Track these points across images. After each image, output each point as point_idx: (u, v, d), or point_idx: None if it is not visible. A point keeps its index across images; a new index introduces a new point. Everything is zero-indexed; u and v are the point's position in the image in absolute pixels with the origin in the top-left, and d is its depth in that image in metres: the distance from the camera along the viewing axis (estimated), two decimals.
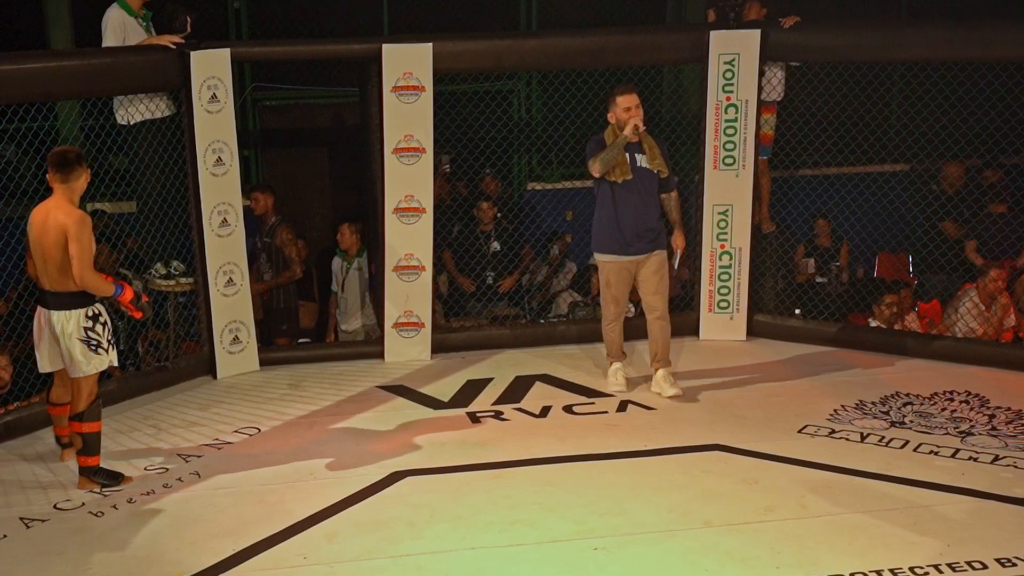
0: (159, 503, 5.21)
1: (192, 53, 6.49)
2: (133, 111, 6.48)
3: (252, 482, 5.43)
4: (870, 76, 7.28)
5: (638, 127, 6.15)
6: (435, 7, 9.09)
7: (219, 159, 6.73)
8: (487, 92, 7.68)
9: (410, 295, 7.15)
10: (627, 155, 6.23)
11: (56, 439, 5.76)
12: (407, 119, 6.90)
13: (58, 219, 5.10)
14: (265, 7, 9.11)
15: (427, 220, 7.07)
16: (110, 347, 5.29)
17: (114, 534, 4.91)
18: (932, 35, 6.95)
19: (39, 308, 5.32)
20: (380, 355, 7.25)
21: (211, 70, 6.58)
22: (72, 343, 5.19)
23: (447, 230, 7.93)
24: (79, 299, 5.19)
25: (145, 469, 5.59)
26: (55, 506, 5.20)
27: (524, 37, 8.22)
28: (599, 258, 6.46)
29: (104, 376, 5.62)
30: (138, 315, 5.43)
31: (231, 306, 6.93)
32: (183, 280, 6.85)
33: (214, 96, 6.63)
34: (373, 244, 7.47)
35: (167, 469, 5.59)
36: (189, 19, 6.49)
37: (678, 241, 6.48)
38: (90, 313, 5.23)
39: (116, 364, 5.44)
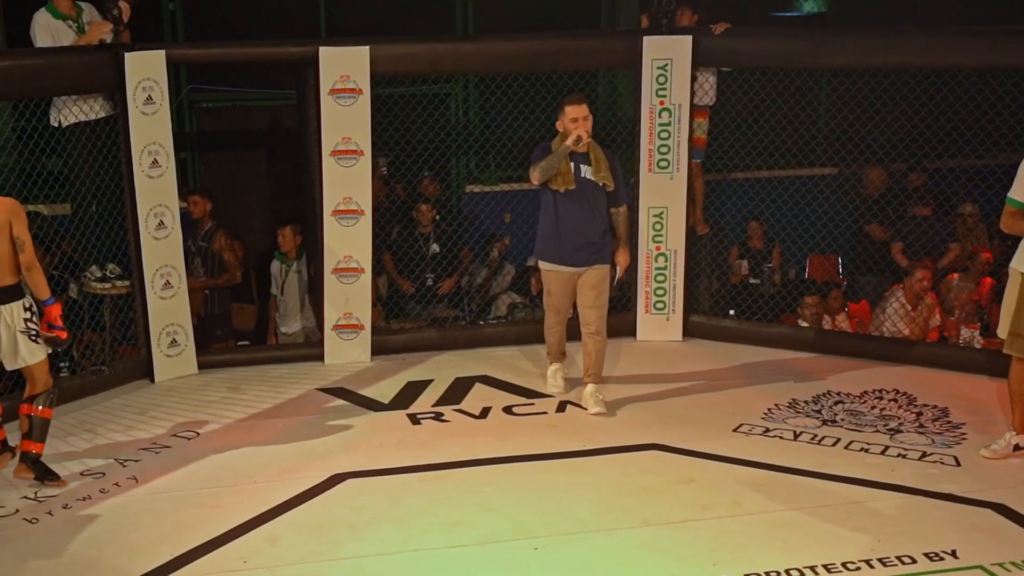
0: (96, 508, 5.07)
1: (126, 54, 6.36)
2: (67, 112, 6.33)
3: (191, 486, 5.32)
4: (798, 82, 7.37)
5: (581, 138, 5.92)
6: (372, 10, 9.01)
7: (155, 161, 6.59)
8: (424, 95, 7.63)
9: (349, 297, 7.07)
10: (572, 165, 6.02)
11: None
12: (345, 122, 6.84)
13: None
14: (201, 9, 8.95)
15: (366, 222, 7.01)
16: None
17: (49, 541, 4.77)
18: (854, 43, 7.06)
19: None
20: (320, 357, 7.17)
21: (146, 71, 6.45)
22: (17, 336, 5.12)
23: (386, 232, 7.86)
24: (17, 291, 5.13)
25: (81, 474, 5.44)
26: None
27: (461, 41, 8.23)
28: (541, 265, 6.29)
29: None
30: (62, 335, 5.27)
31: (168, 309, 6.79)
32: (119, 283, 6.70)
33: (149, 98, 6.50)
34: (312, 246, 7.38)
35: (104, 474, 5.45)
36: (122, 8, 6.32)
37: (622, 258, 6.27)
38: (26, 304, 5.17)
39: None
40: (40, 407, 5.24)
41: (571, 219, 6.05)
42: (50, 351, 5.30)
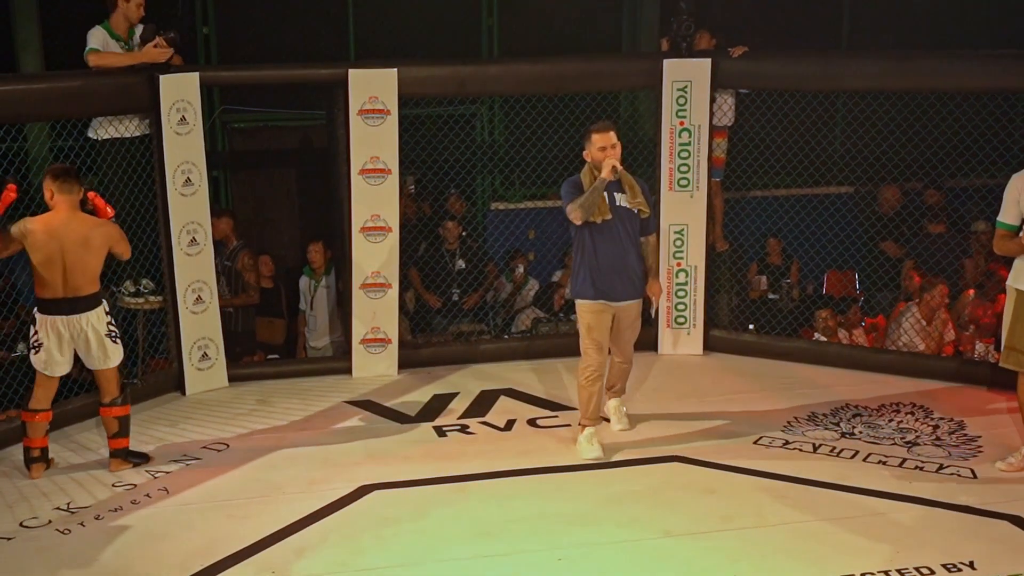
0: (127, 519, 5.02)
1: (161, 77, 6.36)
2: (104, 129, 6.35)
3: (220, 497, 5.26)
4: (814, 103, 7.30)
5: (617, 168, 5.48)
6: (401, 34, 9.00)
7: (188, 179, 6.58)
8: (451, 116, 7.61)
9: (377, 312, 7.03)
10: (605, 194, 5.53)
11: (25, 452, 5.52)
12: (373, 141, 6.81)
13: (89, 228, 5.35)
14: (234, 32, 8.97)
15: (393, 239, 6.97)
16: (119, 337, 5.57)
17: (81, 552, 4.72)
18: (868, 67, 7.02)
19: (49, 317, 5.34)
20: (348, 371, 7.11)
21: (180, 93, 6.45)
22: (103, 340, 5.41)
23: (413, 248, 7.83)
24: (98, 299, 5.44)
25: (113, 486, 5.39)
26: (21, 524, 4.99)
27: (486, 64, 8.20)
28: (579, 304, 5.68)
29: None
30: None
31: (200, 323, 6.76)
32: (152, 298, 6.67)
33: (183, 118, 6.49)
34: (341, 262, 7.35)
35: (135, 485, 5.40)
36: (162, 36, 6.34)
37: (654, 288, 5.84)
38: (106, 308, 5.49)
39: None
40: (120, 407, 5.56)
41: (609, 250, 5.55)
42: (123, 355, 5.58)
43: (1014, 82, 6.59)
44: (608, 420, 6.02)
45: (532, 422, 6.23)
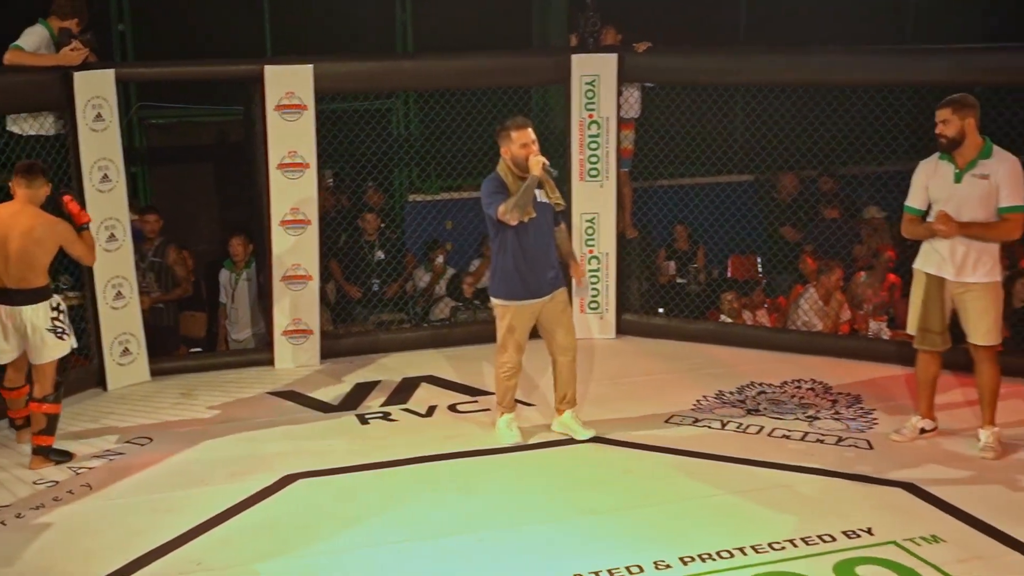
0: (49, 516, 4.82)
1: (75, 74, 6.14)
2: (26, 125, 6.12)
3: (144, 491, 5.09)
4: (715, 96, 7.37)
5: (546, 163, 5.22)
6: (316, 30, 8.81)
7: (105, 176, 6.36)
8: (367, 110, 7.48)
9: (298, 303, 6.91)
10: None
11: (10, 422, 5.66)
12: (290, 136, 6.69)
13: (37, 221, 5.22)
14: (150, 29, 8.68)
15: (313, 231, 6.85)
16: (71, 333, 5.44)
17: (2, 551, 4.50)
18: (766, 62, 7.10)
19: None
20: (270, 362, 6.97)
21: (95, 90, 6.24)
22: (43, 333, 5.29)
23: (333, 240, 7.69)
24: (44, 293, 5.32)
25: (34, 483, 5.18)
26: None
27: (400, 59, 8.09)
28: (502, 304, 5.45)
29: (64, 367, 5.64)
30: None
31: (120, 319, 6.54)
32: (71, 294, 6.43)
33: (99, 115, 6.28)
34: (261, 255, 7.18)
35: (57, 482, 5.19)
36: (77, 38, 6.11)
37: (578, 271, 5.73)
38: (54, 303, 5.37)
39: (76, 346, 5.55)
40: (50, 404, 5.37)
41: (535, 248, 5.33)
42: (67, 352, 5.42)
43: (897, 76, 6.74)
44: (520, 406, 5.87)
45: (453, 407, 6.18)
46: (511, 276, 5.35)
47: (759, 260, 8.48)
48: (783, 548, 4.38)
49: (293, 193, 6.75)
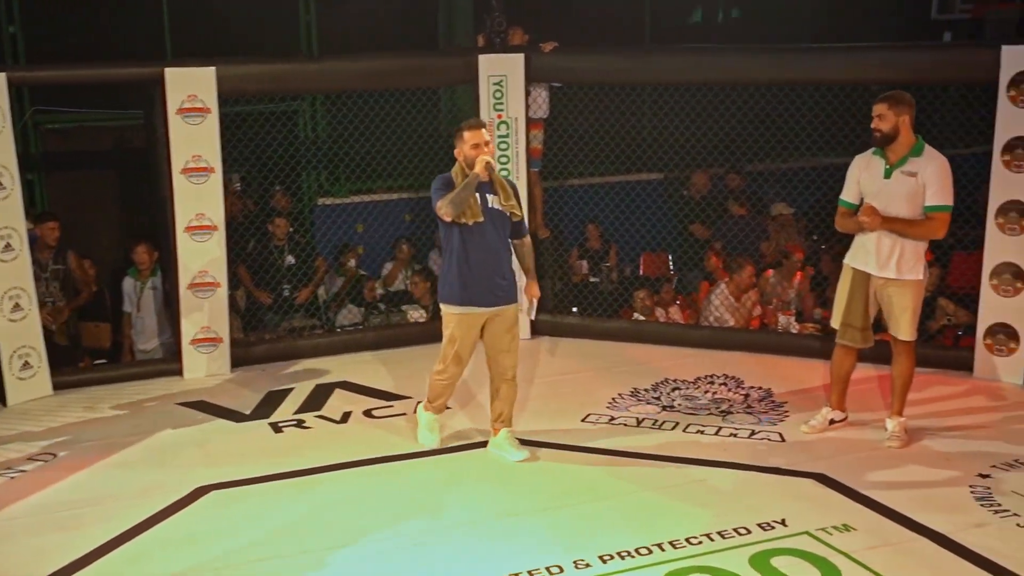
0: None
1: None
2: None
3: (50, 509, 4.93)
4: (623, 95, 7.47)
5: (492, 165, 5.14)
6: (218, 31, 8.64)
7: None
8: (272, 112, 7.37)
9: (206, 311, 6.79)
10: (477, 195, 5.12)
11: None
12: (194, 140, 6.58)
13: None
14: (42, 31, 8.39)
15: (219, 237, 6.75)
16: None
17: None
18: (671, 62, 7.23)
19: None
20: (179, 372, 6.84)
21: None
22: None
23: (241, 246, 7.55)
24: None
25: None
26: None
27: (306, 61, 8.00)
28: (446, 310, 5.27)
29: None
30: None
31: (19, 331, 6.33)
32: None
33: None
34: (166, 263, 7.03)
35: None
36: None
37: (533, 290, 5.44)
38: None
39: None
40: None
41: (481, 254, 5.14)
42: None
43: (799, 74, 6.91)
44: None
45: (368, 413, 6.14)
46: (454, 280, 5.20)
47: (670, 257, 8.61)
48: (700, 543, 4.45)
49: (198, 198, 6.64)
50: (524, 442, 5.52)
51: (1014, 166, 6.19)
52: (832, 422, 5.68)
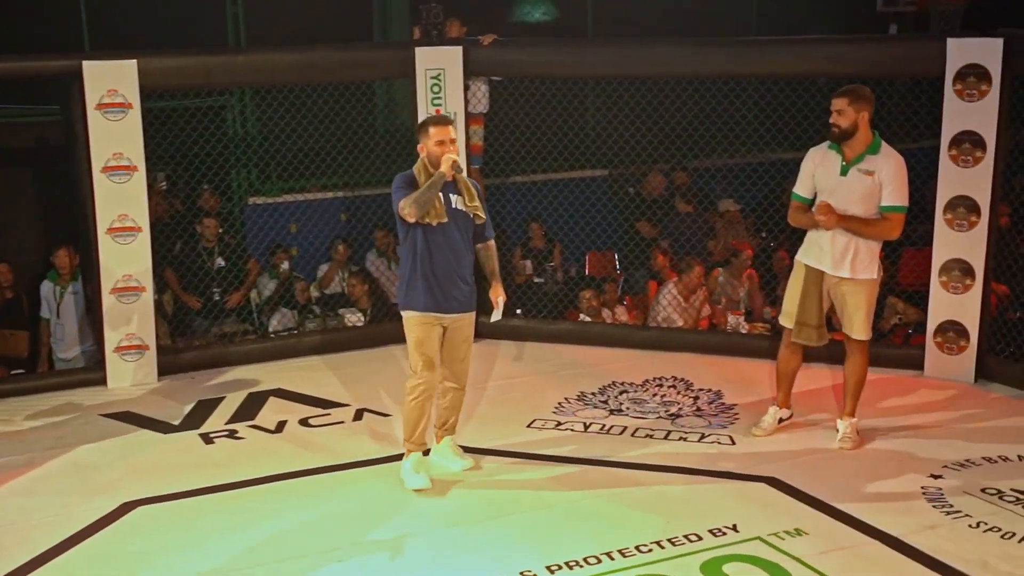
0: None
1: None
2: None
3: None
4: (564, 90, 7.48)
5: (458, 163, 5.03)
6: (139, 23, 8.47)
7: None
8: (199, 108, 7.25)
9: (131, 317, 6.65)
10: (441, 195, 5.01)
11: None
12: (115, 137, 6.46)
13: None
14: None
15: (144, 239, 6.63)
16: None
17: None
18: (611, 54, 7.25)
19: None
20: (103, 381, 6.69)
21: None
22: None
23: (167, 248, 7.40)
24: None
25: None
26: None
27: (233, 53, 7.87)
28: (408, 315, 5.11)
29: None
30: None
31: None
32: None
33: None
34: (88, 266, 6.87)
35: None
36: None
37: (498, 292, 5.33)
38: None
39: None
40: None
41: (444, 257, 5.03)
42: None
43: (744, 68, 6.99)
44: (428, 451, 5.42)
45: (304, 422, 6.07)
46: (416, 283, 5.06)
47: (616, 256, 8.64)
48: (650, 550, 4.47)
49: (120, 198, 6.52)
50: (468, 449, 5.49)
51: (961, 160, 6.31)
52: (781, 420, 5.74)
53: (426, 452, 5.33)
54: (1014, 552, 4.42)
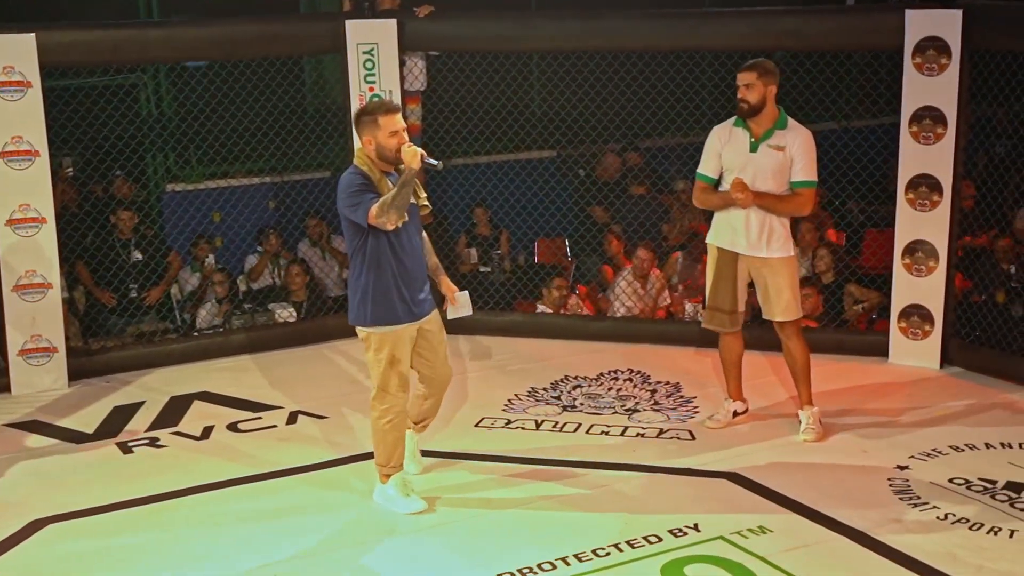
0: None
1: None
2: None
3: None
4: (507, 65, 7.51)
5: (424, 156, 4.71)
6: None
7: None
8: (107, 86, 7.16)
9: (37, 317, 6.59)
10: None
11: None
12: (13, 119, 6.41)
13: None
14: None
15: (49, 231, 6.57)
16: None
17: None
18: (557, 27, 7.27)
19: None
20: (6, 388, 6.62)
21: None
22: None
23: (76, 240, 7.30)
24: None
25: None
26: None
27: (145, 27, 7.79)
28: (380, 332, 4.85)
29: None
30: None
31: None
32: None
33: None
34: None
35: None
36: None
37: (450, 287, 5.19)
38: None
39: None
40: None
41: (409, 258, 4.85)
42: None
43: (694, 41, 7.06)
44: None
45: (233, 427, 6.07)
46: (389, 296, 4.81)
47: (567, 243, 8.69)
48: (608, 554, 4.52)
49: (21, 186, 6.45)
50: None
51: (922, 137, 6.46)
52: (736, 414, 5.85)
53: None
54: (983, 544, 4.55)
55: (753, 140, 5.43)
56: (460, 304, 5.18)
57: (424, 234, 5.11)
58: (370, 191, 4.71)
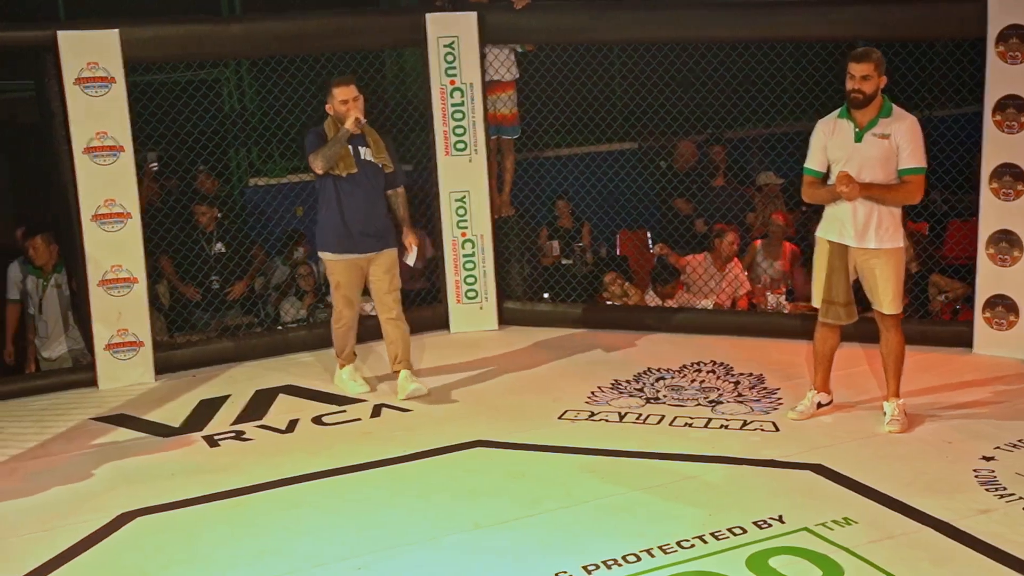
0: None
1: None
2: None
3: None
4: (588, 57, 7.54)
5: (360, 120, 6.08)
6: None
7: None
8: (190, 82, 7.34)
9: (123, 311, 6.73)
10: (351, 148, 6.15)
11: None
12: (98, 114, 6.53)
13: None
14: None
15: (134, 225, 6.72)
16: None
17: None
18: (637, 17, 7.27)
19: None
20: (93, 382, 6.79)
21: None
22: None
23: (160, 235, 7.50)
24: None
25: None
26: None
27: (227, 22, 7.97)
28: (327, 258, 6.34)
29: None
30: None
31: None
32: None
33: None
34: (71, 257, 6.96)
35: None
36: None
37: (411, 239, 6.36)
38: None
39: None
40: None
41: (355, 204, 6.17)
42: None
43: (774, 32, 7.05)
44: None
45: (318, 420, 6.15)
46: (330, 228, 6.20)
47: (649, 235, 8.69)
48: (692, 546, 4.53)
49: (106, 181, 6.59)
50: (495, 444, 5.63)
51: (1006, 126, 6.39)
52: (819, 406, 5.84)
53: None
54: None
55: (858, 130, 5.41)
56: (413, 254, 6.33)
57: (399, 191, 6.40)
58: (322, 143, 6.10)
